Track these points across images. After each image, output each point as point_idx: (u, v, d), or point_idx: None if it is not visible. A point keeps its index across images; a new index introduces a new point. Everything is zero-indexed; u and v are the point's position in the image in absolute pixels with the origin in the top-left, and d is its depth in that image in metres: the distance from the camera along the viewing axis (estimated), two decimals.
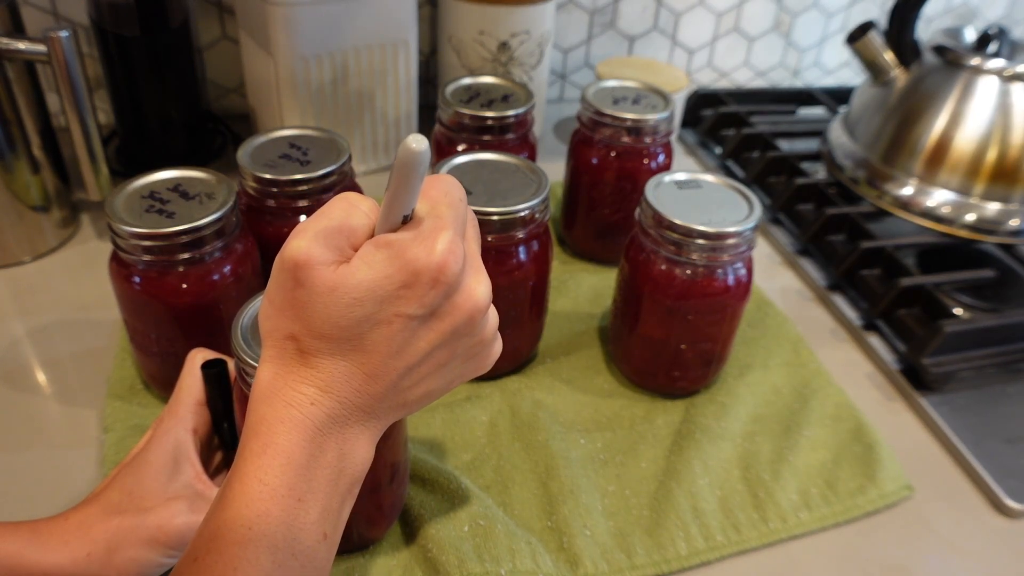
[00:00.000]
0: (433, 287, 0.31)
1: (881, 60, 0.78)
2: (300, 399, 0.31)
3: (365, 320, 0.31)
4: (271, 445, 0.31)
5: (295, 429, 0.31)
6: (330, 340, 0.31)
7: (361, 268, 0.31)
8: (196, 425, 0.44)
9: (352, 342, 0.31)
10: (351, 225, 0.32)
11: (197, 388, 0.44)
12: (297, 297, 0.31)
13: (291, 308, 0.31)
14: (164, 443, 0.42)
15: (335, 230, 0.31)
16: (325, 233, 0.31)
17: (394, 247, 0.31)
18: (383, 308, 0.31)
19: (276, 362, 0.32)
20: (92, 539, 0.39)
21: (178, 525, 0.40)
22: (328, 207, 0.32)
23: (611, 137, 0.66)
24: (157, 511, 0.40)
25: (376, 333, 0.32)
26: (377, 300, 0.31)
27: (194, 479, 0.42)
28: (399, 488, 0.46)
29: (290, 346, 0.32)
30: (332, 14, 0.70)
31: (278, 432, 0.31)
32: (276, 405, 0.31)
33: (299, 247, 0.31)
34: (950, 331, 0.60)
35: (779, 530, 0.50)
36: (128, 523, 0.39)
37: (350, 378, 0.32)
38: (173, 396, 0.44)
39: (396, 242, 0.31)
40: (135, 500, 0.40)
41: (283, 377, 0.32)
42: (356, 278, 0.31)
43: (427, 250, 0.31)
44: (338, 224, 0.31)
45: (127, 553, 0.39)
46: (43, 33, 0.57)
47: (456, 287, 0.32)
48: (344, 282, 0.31)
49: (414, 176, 0.30)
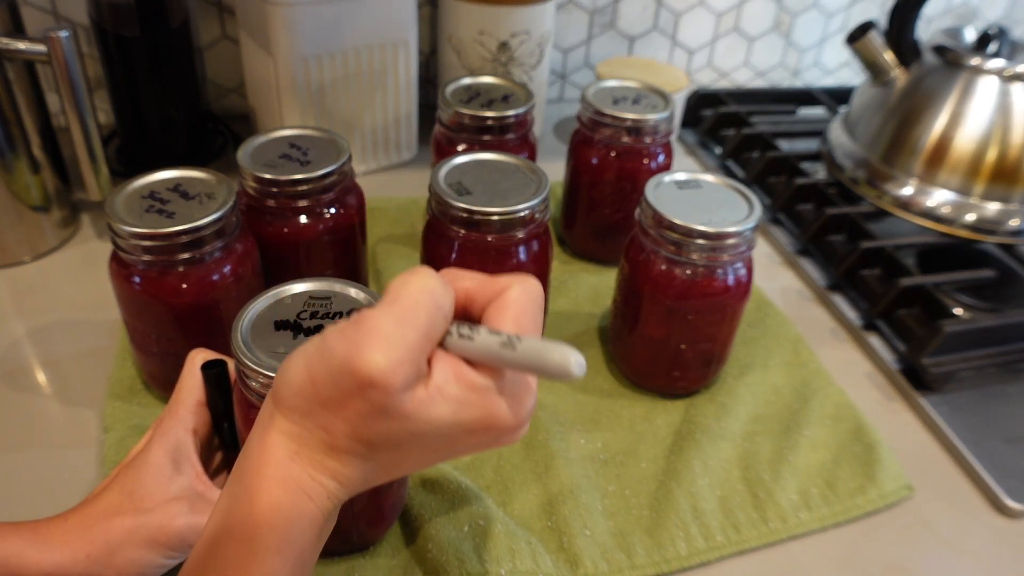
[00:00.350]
0: (499, 438, 0.30)
1: (881, 60, 0.78)
2: (319, 492, 0.30)
3: (421, 446, 0.30)
4: (287, 544, 0.29)
5: (311, 527, 0.30)
6: (373, 448, 0.29)
7: (441, 406, 0.28)
8: (196, 426, 0.44)
9: (394, 456, 0.30)
10: (434, 338, 0.29)
11: (197, 389, 0.44)
12: (354, 406, 0.28)
13: (341, 411, 0.28)
14: (164, 444, 0.42)
15: (421, 350, 0.28)
16: (413, 355, 0.27)
17: (482, 395, 0.29)
18: (442, 441, 0.30)
19: (297, 441, 0.29)
20: (92, 539, 0.39)
21: (178, 526, 0.40)
22: (413, 303, 0.28)
23: (611, 137, 0.66)
24: (157, 512, 0.40)
25: (421, 453, 0.30)
26: (442, 436, 0.29)
27: (194, 480, 0.42)
28: (399, 489, 0.46)
29: (320, 436, 0.29)
30: (332, 14, 0.70)
31: (295, 529, 0.29)
32: (294, 494, 0.29)
33: (380, 368, 0.27)
34: (950, 331, 0.60)
35: (779, 530, 0.50)
36: (128, 524, 0.39)
37: (368, 476, 0.31)
38: (173, 397, 0.44)
39: (485, 390, 0.29)
40: (135, 501, 0.40)
41: (303, 463, 0.29)
42: (431, 415, 0.28)
43: (515, 409, 0.30)
44: (423, 339, 0.28)
45: (127, 554, 0.39)
46: (43, 33, 0.57)
47: None
48: (418, 415, 0.28)
49: (546, 377, 0.28)
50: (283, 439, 0.30)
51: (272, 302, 0.41)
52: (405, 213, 0.77)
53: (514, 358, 0.28)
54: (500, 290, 0.31)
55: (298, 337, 0.39)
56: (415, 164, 0.86)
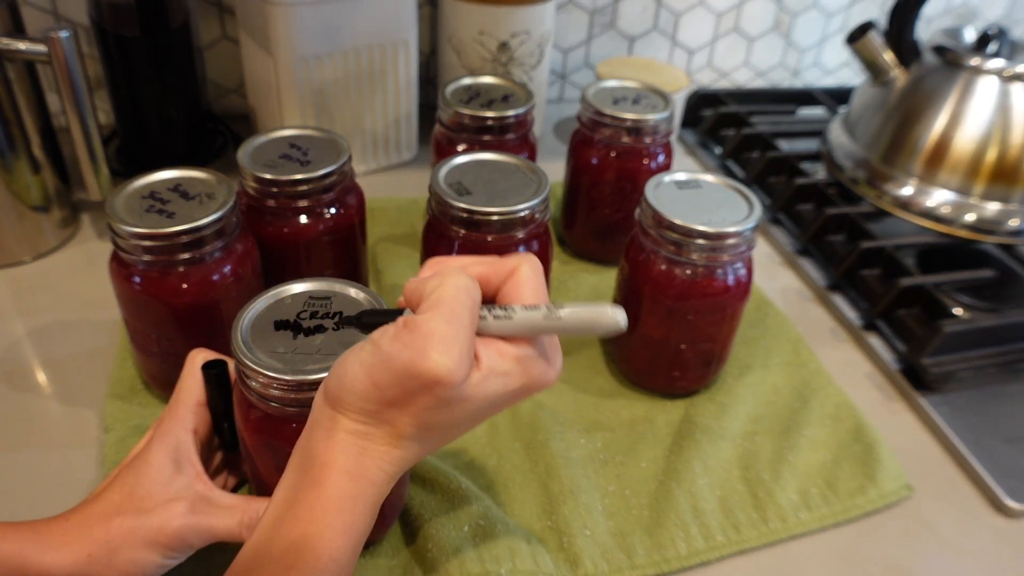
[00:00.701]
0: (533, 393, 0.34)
1: (881, 60, 0.78)
2: (382, 477, 0.33)
3: (471, 419, 0.33)
4: (354, 527, 0.32)
5: (373, 510, 0.33)
6: (433, 430, 0.33)
7: (493, 383, 0.32)
8: (196, 426, 0.44)
9: (452, 432, 0.34)
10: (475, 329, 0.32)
11: (197, 389, 0.44)
12: (421, 402, 0.31)
13: (409, 407, 0.31)
14: (165, 444, 0.42)
15: (471, 345, 0.31)
16: (468, 350, 0.31)
17: (523, 364, 0.33)
18: (491, 409, 0.33)
19: (364, 439, 0.32)
20: (93, 539, 0.39)
21: (178, 527, 0.40)
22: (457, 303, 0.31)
23: (611, 137, 0.66)
24: (157, 512, 0.40)
25: (471, 423, 0.34)
26: (493, 406, 0.33)
27: (195, 480, 0.42)
28: (399, 488, 0.46)
29: (386, 429, 0.32)
30: (332, 14, 0.70)
31: (362, 515, 0.32)
32: (362, 484, 0.32)
33: (447, 368, 0.30)
34: (950, 331, 0.60)
35: (779, 530, 0.50)
36: (129, 524, 0.39)
37: (422, 453, 0.34)
38: (173, 397, 0.44)
39: (525, 359, 0.33)
40: (135, 501, 0.40)
41: (372, 456, 0.32)
42: (486, 392, 0.32)
43: (548, 370, 0.34)
44: (470, 333, 0.31)
45: (128, 554, 0.39)
46: (43, 33, 0.57)
47: None
48: (476, 395, 0.32)
49: (591, 333, 0.32)
50: (351, 438, 0.32)
51: (272, 302, 0.41)
52: (405, 213, 0.77)
53: (561, 325, 0.32)
54: (511, 271, 0.34)
55: (298, 337, 0.39)
56: (415, 164, 0.86)
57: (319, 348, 0.39)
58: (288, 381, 0.37)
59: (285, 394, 0.37)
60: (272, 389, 0.37)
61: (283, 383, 0.37)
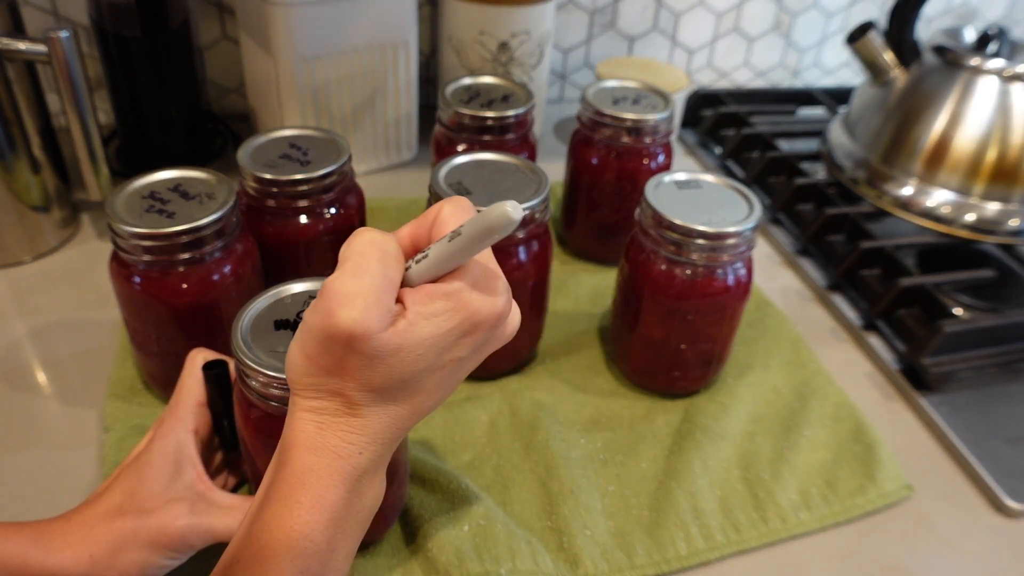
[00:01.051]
0: (491, 331, 0.33)
1: (881, 60, 0.78)
2: (349, 450, 0.32)
3: (426, 370, 0.32)
4: (320, 500, 0.31)
5: (343, 483, 0.31)
6: (386, 391, 0.31)
7: (424, 325, 0.31)
8: (197, 426, 0.44)
9: (408, 390, 0.32)
10: (391, 278, 0.31)
11: (198, 389, 0.45)
12: (349, 362, 0.30)
13: (342, 371, 0.31)
14: (165, 444, 0.42)
15: (382, 291, 0.30)
16: (375, 297, 0.30)
17: (454, 298, 0.31)
18: (442, 356, 0.32)
19: (320, 413, 0.32)
20: (94, 540, 0.39)
21: (179, 527, 0.40)
22: (360, 256, 0.31)
23: (611, 137, 0.66)
24: (159, 513, 0.40)
25: (431, 377, 0.32)
26: (439, 351, 0.31)
27: (195, 480, 0.42)
28: (399, 489, 0.46)
29: (336, 400, 0.31)
30: (332, 14, 0.70)
31: (327, 486, 0.31)
32: (325, 456, 0.31)
33: (353, 319, 0.29)
34: (950, 331, 0.60)
35: (779, 530, 0.50)
36: (130, 525, 0.39)
37: (396, 420, 0.32)
38: (174, 397, 0.45)
39: (455, 293, 0.31)
40: (137, 501, 0.40)
41: (330, 428, 0.32)
42: (419, 335, 0.31)
43: (489, 301, 0.32)
44: (381, 281, 0.30)
45: (129, 555, 0.39)
46: (43, 33, 0.57)
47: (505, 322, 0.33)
48: (407, 341, 0.30)
49: (494, 239, 0.29)
50: (308, 415, 0.32)
51: (272, 302, 0.41)
52: (405, 213, 0.77)
53: (463, 241, 0.30)
54: (433, 217, 0.34)
55: None
56: (415, 164, 0.86)
57: None
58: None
59: (285, 393, 0.37)
60: (272, 388, 0.37)
61: (283, 382, 0.37)
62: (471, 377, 0.59)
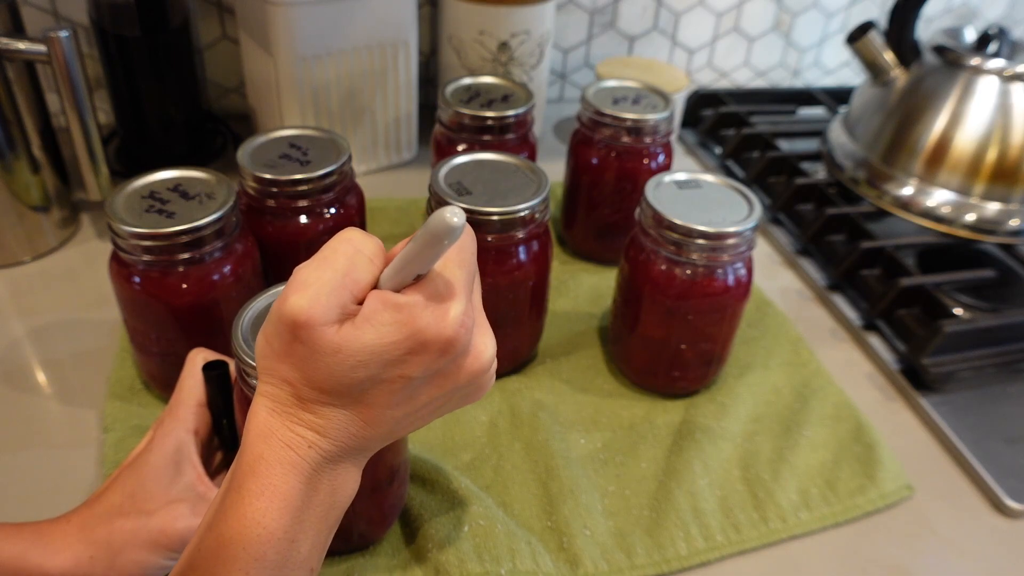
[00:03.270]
0: (441, 355, 0.31)
1: (881, 60, 0.78)
2: (298, 441, 0.31)
3: (368, 380, 0.31)
4: (269, 487, 0.30)
5: (293, 472, 0.31)
6: (330, 394, 0.31)
7: (368, 331, 0.30)
8: (197, 426, 0.44)
9: (352, 396, 0.31)
10: (355, 277, 0.30)
11: (198, 389, 0.44)
12: (295, 350, 0.30)
13: (289, 358, 0.30)
14: (165, 445, 0.42)
15: (338, 286, 0.30)
16: (328, 290, 0.29)
17: (404, 311, 0.30)
18: (387, 370, 0.31)
19: (273, 400, 0.31)
20: (94, 541, 0.39)
21: (180, 529, 0.40)
22: (331, 251, 0.31)
23: (611, 137, 0.66)
24: (159, 514, 0.40)
25: (377, 390, 0.31)
26: (382, 364, 0.30)
27: (196, 481, 0.42)
28: (399, 488, 0.46)
29: (287, 389, 0.31)
30: (332, 14, 0.70)
31: (276, 474, 0.31)
32: (274, 445, 0.31)
33: (299, 306, 0.29)
34: (950, 331, 0.60)
35: (779, 530, 0.50)
36: (130, 526, 0.39)
37: (348, 425, 0.32)
38: (173, 397, 0.44)
39: (406, 306, 0.30)
40: (137, 502, 0.40)
41: (280, 417, 0.31)
42: (361, 341, 0.30)
43: (439, 320, 0.30)
44: (341, 277, 0.30)
45: (129, 556, 0.39)
46: (43, 33, 0.57)
47: (464, 352, 0.32)
48: (348, 345, 0.30)
49: (442, 246, 0.29)
50: (262, 400, 0.32)
51: (271, 301, 0.41)
52: (405, 213, 0.77)
53: (412, 246, 0.29)
54: None
55: None
56: (415, 164, 0.86)
57: None
58: None
59: None
60: None
61: None
62: None
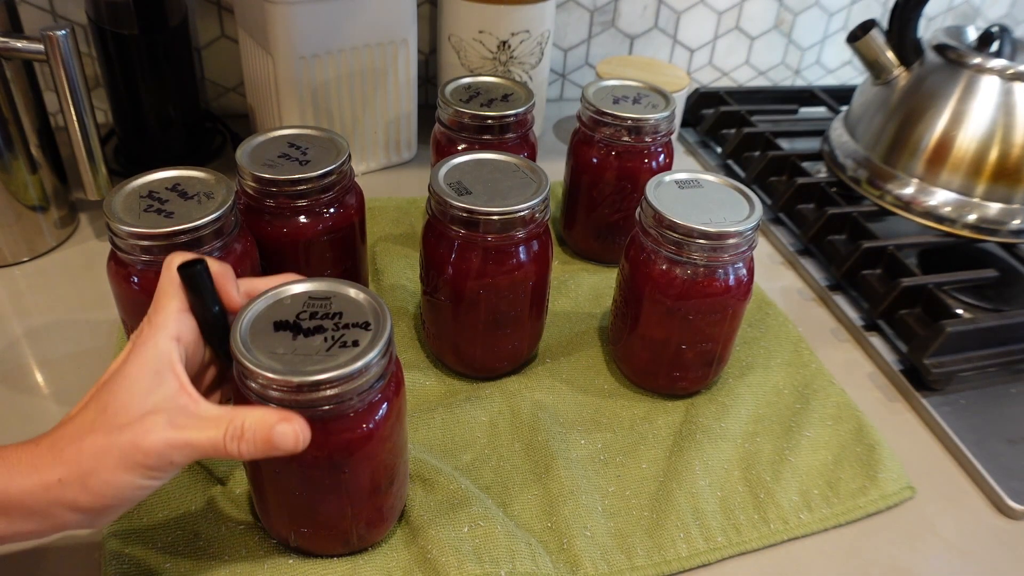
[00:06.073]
0: None
1: (883, 59, 0.77)
2: None
3: None
4: None
5: None
6: None
7: None
8: (179, 333, 0.38)
9: None
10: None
11: (177, 294, 0.39)
12: None
13: None
14: (142, 353, 0.37)
15: None
16: None
17: None
18: None
19: None
20: (64, 462, 0.35)
21: (153, 442, 0.35)
22: None
23: (611, 136, 0.65)
24: (132, 427, 0.35)
25: None
26: None
27: (177, 391, 0.37)
28: (399, 490, 0.46)
29: None
30: (331, 13, 0.70)
31: None
32: None
33: None
34: (952, 331, 0.60)
35: (780, 531, 0.50)
36: (101, 442, 0.35)
37: None
38: (152, 304, 0.39)
39: None
40: (109, 417, 0.36)
41: None
42: None
43: None
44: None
45: (102, 475, 0.35)
46: (41, 32, 0.57)
47: None
48: None
49: None
50: None
51: (271, 302, 0.41)
52: (405, 213, 0.76)
53: None
54: None
55: (297, 338, 0.39)
56: (415, 164, 0.86)
57: (318, 349, 0.38)
58: (287, 382, 0.37)
59: (284, 395, 0.37)
60: (271, 390, 0.37)
61: (282, 384, 0.37)
62: (471, 377, 0.59)
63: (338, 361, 0.37)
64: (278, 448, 0.36)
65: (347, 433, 0.39)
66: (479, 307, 0.54)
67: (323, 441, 0.39)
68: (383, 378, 0.40)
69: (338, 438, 0.39)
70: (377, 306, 0.41)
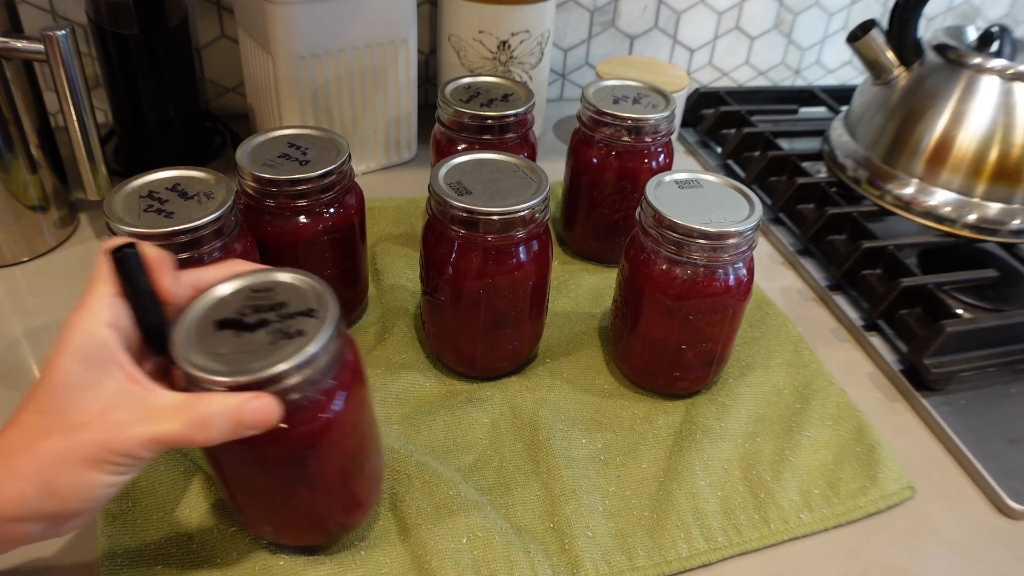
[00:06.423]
0: None
1: (883, 59, 0.77)
2: None
3: None
4: None
5: None
6: None
7: None
8: (115, 319, 0.36)
9: None
10: None
11: (108, 278, 0.37)
12: None
13: None
14: (71, 343, 0.35)
15: None
16: None
17: None
18: None
19: None
20: (22, 474, 0.34)
21: (126, 439, 0.34)
22: None
23: (611, 136, 0.65)
24: (94, 427, 0.34)
25: None
26: None
27: (126, 381, 0.35)
28: (373, 471, 0.45)
29: None
30: (331, 13, 0.70)
31: None
32: None
33: None
34: (952, 331, 0.60)
35: (780, 531, 0.50)
36: (59, 445, 0.34)
37: None
38: (83, 290, 0.37)
39: None
40: (60, 417, 0.34)
41: None
42: None
43: None
44: None
45: (65, 479, 0.34)
46: (41, 32, 0.57)
47: None
48: None
49: None
50: None
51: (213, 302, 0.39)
52: (405, 213, 0.76)
53: None
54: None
55: (241, 334, 0.37)
56: (415, 164, 0.86)
57: (263, 343, 0.37)
58: (234, 383, 0.35)
59: None
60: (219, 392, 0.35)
61: (230, 386, 0.35)
62: (472, 377, 0.59)
63: (284, 353, 0.36)
64: (250, 426, 0.35)
65: (304, 425, 0.37)
66: (479, 307, 0.54)
67: (282, 437, 0.37)
68: (335, 363, 0.38)
69: (296, 432, 0.37)
70: (320, 290, 0.39)
